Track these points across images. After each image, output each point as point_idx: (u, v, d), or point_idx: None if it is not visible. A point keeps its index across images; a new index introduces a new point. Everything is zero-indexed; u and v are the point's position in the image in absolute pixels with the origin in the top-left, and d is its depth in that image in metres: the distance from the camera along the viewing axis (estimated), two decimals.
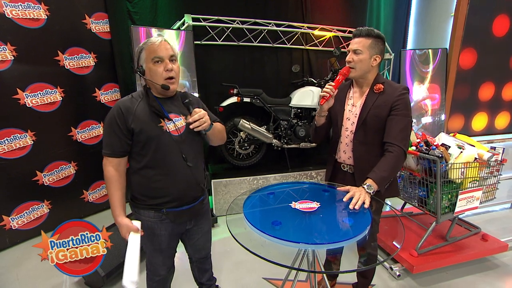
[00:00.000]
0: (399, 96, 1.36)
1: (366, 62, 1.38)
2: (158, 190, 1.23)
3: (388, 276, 2.07)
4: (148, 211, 1.25)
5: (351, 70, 1.41)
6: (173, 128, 1.21)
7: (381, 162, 1.33)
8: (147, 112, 1.19)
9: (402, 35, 4.15)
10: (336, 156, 1.55)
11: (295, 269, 1.26)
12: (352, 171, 1.48)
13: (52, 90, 2.59)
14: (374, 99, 1.40)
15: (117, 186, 1.21)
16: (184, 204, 1.28)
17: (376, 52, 1.38)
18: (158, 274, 1.39)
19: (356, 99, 1.48)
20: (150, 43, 1.19)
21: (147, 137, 1.18)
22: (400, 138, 1.34)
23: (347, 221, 1.14)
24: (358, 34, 1.39)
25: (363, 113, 1.41)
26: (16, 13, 2.34)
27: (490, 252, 2.20)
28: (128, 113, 1.17)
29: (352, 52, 1.40)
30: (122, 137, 1.17)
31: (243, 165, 3.19)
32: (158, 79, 1.19)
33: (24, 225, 2.54)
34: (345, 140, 1.49)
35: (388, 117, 1.37)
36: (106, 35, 2.91)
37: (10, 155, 2.41)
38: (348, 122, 1.48)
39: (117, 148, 1.19)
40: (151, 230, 1.27)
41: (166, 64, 1.18)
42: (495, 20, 3.51)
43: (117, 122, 1.16)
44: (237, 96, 2.96)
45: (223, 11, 3.05)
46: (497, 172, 2.11)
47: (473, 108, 3.79)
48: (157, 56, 1.17)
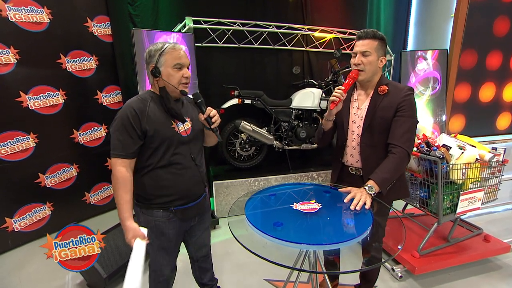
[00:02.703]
0: (404, 97, 1.35)
1: (375, 64, 1.38)
2: (166, 188, 1.26)
3: (390, 277, 2.07)
4: (156, 211, 1.27)
5: (360, 73, 1.39)
6: (182, 129, 1.27)
7: (384, 163, 1.33)
8: (160, 114, 1.23)
9: (403, 36, 4.15)
10: (343, 160, 1.53)
11: (297, 270, 1.26)
12: (361, 174, 1.47)
13: (54, 93, 2.61)
14: (379, 101, 1.39)
15: (127, 188, 1.19)
16: (190, 201, 1.33)
17: (382, 53, 1.39)
18: (162, 274, 1.40)
19: (361, 102, 1.47)
20: (172, 49, 1.22)
21: (161, 138, 1.21)
22: (404, 140, 1.33)
23: (348, 222, 1.14)
24: (364, 36, 1.36)
25: (369, 115, 1.40)
26: (19, 16, 2.36)
27: (493, 253, 2.19)
28: (142, 114, 1.19)
29: (360, 55, 1.37)
30: (135, 138, 1.18)
31: (244, 167, 3.20)
32: (175, 84, 1.24)
33: (27, 227, 2.54)
34: (352, 143, 1.48)
35: (394, 118, 1.36)
36: (107, 38, 2.93)
37: (13, 157, 2.42)
38: (354, 125, 1.47)
39: (130, 149, 1.19)
40: (159, 229, 1.29)
41: (185, 71, 1.25)
42: (495, 21, 3.51)
43: (131, 123, 1.17)
44: (238, 98, 2.97)
45: (223, 14, 3.06)
46: (499, 172, 2.10)
47: (474, 108, 3.78)
48: (180, 63, 1.23)
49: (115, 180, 1.19)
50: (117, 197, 1.19)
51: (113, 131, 1.21)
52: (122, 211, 1.18)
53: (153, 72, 1.22)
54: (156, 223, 1.28)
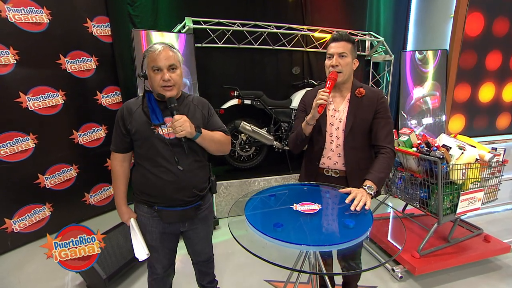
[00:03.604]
0: (381, 99, 1.43)
1: (351, 66, 1.41)
2: (150, 188, 1.29)
3: (390, 278, 2.07)
4: (142, 206, 1.33)
5: (339, 74, 1.39)
6: (166, 131, 1.24)
7: (377, 163, 1.36)
8: (144, 115, 1.25)
9: (402, 36, 4.15)
10: (320, 163, 1.51)
11: (297, 271, 1.26)
12: (337, 175, 1.48)
13: (54, 94, 2.61)
14: (358, 103, 1.43)
15: (121, 179, 1.35)
16: (175, 206, 1.30)
17: (355, 56, 1.43)
18: (155, 272, 1.43)
19: (337, 104, 1.47)
20: (151, 51, 1.21)
21: (140, 138, 1.26)
22: (389, 140, 1.40)
23: (348, 222, 1.14)
24: (340, 38, 1.38)
25: (351, 118, 1.42)
26: (18, 17, 2.36)
27: (493, 253, 2.19)
28: (128, 114, 1.26)
29: (337, 56, 1.38)
30: (122, 136, 1.29)
31: (244, 167, 3.19)
32: (155, 87, 1.24)
33: (26, 228, 2.54)
34: (330, 146, 1.47)
35: (373, 120, 1.41)
36: (107, 39, 2.92)
37: (12, 158, 2.42)
38: (332, 127, 1.46)
39: (120, 144, 1.31)
40: (143, 225, 1.35)
41: (163, 74, 1.21)
42: (494, 21, 3.52)
43: (119, 122, 1.28)
44: (238, 98, 2.97)
45: (223, 14, 3.07)
46: (499, 173, 2.10)
47: (474, 109, 3.79)
48: (156, 65, 1.20)
49: (112, 171, 1.36)
50: (113, 186, 1.39)
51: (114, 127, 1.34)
52: (117, 198, 1.37)
53: (140, 75, 1.28)
54: (142, 218, 1.35)
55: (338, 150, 1.46)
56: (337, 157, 1.47)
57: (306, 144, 1.55)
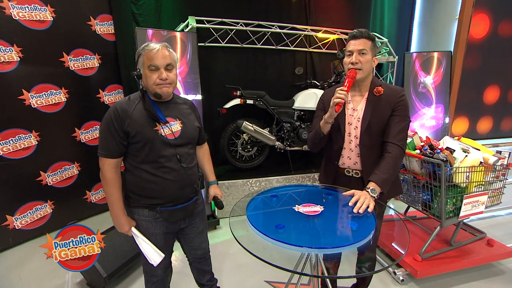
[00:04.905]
0: (400, 98, 1.38)
1: (370, 63, 1.38)
2: (153, 190, 1.25)
3: (392, 281, 2.05)
4: (142, 210, 1.28)
5: (358, 71, 1.37)
6: (168, 131, 1.23)
7: (382, 164, 1.33)
8: (143, 116, 1.21)
9: (406, 37, 4.13)
10: (339, 163, 1.50)
11: (298, 273, 1.25)
12: (359, 176, 1.46)
13: (56, 91, 2.61)
14: (376, 102, 1.39)
15: (116, 187, 1.24)
16: (178, 204, 1.31)
17: (375, 53, 1.40)
18: (155, 274, 1.40)
19: (356, 103, 1.45)
20: (148, 50, 1.19)
21: (142, 140, 1.20)
22: (400, 138, 1.36)
23: (351, 225, 1.13)
24: (360, 35, 1.36)
25: (367, 116, 1.39)
26: (22, 15, 2.36)
27: (496, 257, 2.17)
28: (125, 116, 1.19)
29: (357, 53, 1.35)
30: (118, 139, 1.20)
31: (245, 167, 3.19)
32: (152, 86, 1.21)
33: (28, 225, 2.55)
34: (349, 145, 1.46)
35: (389, 117, 1.38)
36: (110, 37, 2.93)
37: (15, 155, 2.43)
38: (351, 127, 1.45)
39: (113, 149, 1.21)
40: (145, 229, 1.30)
41: (160, 73, 1.20)
42: (500, 23, 3.49)
43: (114, 124, 1.18)
44: (240, 98, 2.96)
45: (226, 13, 3.06)
46: (503, 176, 2.08)
47: (478, 111, 3.76)
48: (153, 64, 1.19)
49: (104, 180, 1.24)
50: (107, 195, 1.24)
51: (100, 131, 1.24)
52: (115, 208, 1.24)
53: (134, 74, 1.24)
54: (142, 223, 1.30)
55: (357, 149, 1.44)
56: (357, 157, 1.44)
57: (325, 143, 1.53)
